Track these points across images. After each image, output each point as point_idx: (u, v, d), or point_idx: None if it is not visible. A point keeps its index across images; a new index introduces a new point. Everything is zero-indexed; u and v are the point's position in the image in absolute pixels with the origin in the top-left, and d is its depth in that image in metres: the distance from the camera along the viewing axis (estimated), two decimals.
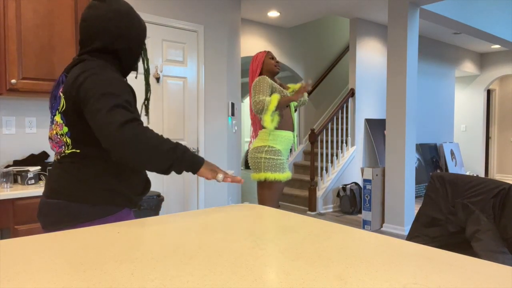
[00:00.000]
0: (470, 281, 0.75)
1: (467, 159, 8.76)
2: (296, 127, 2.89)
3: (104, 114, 1.17)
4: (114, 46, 1.35)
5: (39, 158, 2.66)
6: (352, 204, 5.37)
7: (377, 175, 4.63)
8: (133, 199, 1.36)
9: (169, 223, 1.18)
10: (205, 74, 3.71)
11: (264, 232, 1.08)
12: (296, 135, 2.91)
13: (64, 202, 1.28)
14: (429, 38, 7.25)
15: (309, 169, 5.82)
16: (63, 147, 1.31)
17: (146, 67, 1.48)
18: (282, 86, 2.92)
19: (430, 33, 6.85)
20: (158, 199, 2.71)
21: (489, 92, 9.16)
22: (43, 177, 2.51)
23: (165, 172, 1.22)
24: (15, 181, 2.41)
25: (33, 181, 2.38)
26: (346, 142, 5.97)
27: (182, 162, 1.23)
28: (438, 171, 4.50)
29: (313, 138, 5.45)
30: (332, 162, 6.05)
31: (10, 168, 2.40)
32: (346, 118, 6.09)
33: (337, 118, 6.53)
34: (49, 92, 1.36)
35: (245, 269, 0.80)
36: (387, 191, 4.59)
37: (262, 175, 2.69)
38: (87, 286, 0.71)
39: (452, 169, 7.53)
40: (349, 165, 5.81)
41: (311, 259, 0.85)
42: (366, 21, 5.93)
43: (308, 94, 2.82)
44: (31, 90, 2.38)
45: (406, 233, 4.39)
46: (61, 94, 1.29)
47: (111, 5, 1.34)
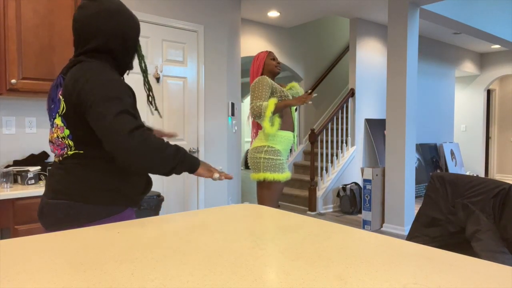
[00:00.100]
0: (470, 281, 0.75)
1: (467, 159, 8.76)
2: (296, 127, 2.88)
3: (110, 120, 1.18)
4: (109, 45, 1.34)
5: (39, 158, 2.66)
6: (352, 204, 5.37)
7: (377, 175, 4.63)
8: (135, 198, 1.37)
9: (169, 223, 1.18)
10: (205, 74, 3.71)
11: (264, 232, 1.08)
12: (296, 135, 2.90)
13: (68, 203, 1.28)
14: (429, 38, 7.25)
15: (309, 169, 5.82)
16: (66, 149, 1.31)
17: (144, 65, 1.48)
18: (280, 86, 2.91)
19: (430, 33, 6.85)
20: (158, 199, 2.71)
21: (489, 92, 9.16)
22: (43, 177, 2.51)
23: (167, 174, 1.27)
24: (15, 181, 2.41)
25: (33, 181, 2.38)
26: (346, 142, 5.97)
27: (183, 164, 1.29)
28: (438, 171, 4.50)
29: (313, 138, 5.45)
30: (332, 162, 6.05)
31: (10, 168, 2.40)
32: (346, 118, 6.09)
33: (337, 118, 6.53)
34: (49, 91, 1.35)
35: (245, 269, 0.80)
36: (387, 191, 4.59)
37: (261, 175, 2.68)
38: (87, 286, 0.71)
39: (452, 169, 7.53)
40: (349, 165, 5.81)
41: (311, 259, 0.85)
42: (366, 21, 5.93)
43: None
44: (31, 90, 2.38)
45: (406, 233, 4.39)
46: (60, 97, 1.29)
47: (103, 3, 1.33)
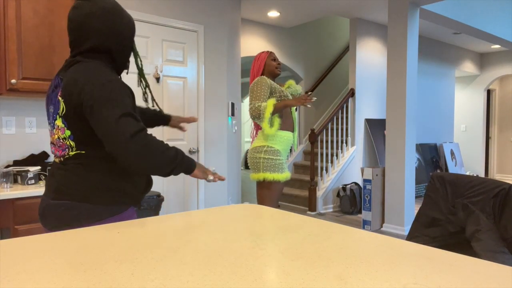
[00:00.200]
0: (470, 281, 0.75)
1: (467, 159, 8.76)
2: (296, 127, 2.87)
3: (113, 123, 1.18)
4: (105, 44, 1.33)
5: (39, 158, 2.66)
6: (352, 204, 5.37)
7: (377, 175, 4.63)
8: (136, 197, 1.38)
9: (169, 223, 1.18)
10: (205, 74, 3.71)
11: (264, 232, 1.08)
12: (296, 135, 2.89)
13: (70, 203, 1.28)
14: (429, 38, 7.25)
15: (309, 169, 5.82)
16: (67, 150, 1.31)
17: (140, 62, 1.48)
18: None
19: (430, 33, 6.85)
20: (158, 199, 2.71)
21: (489, 92, 9.16)
22: (43, 177, 2.51)
23: (166, 175, 1.29)
24: (15, 181, 2.41)
25: (33, 181, 2.38)
26: (346, 142, 5.97)
27: (181, 166, 1.31)
28: (438, 171, 4.50)
29: (313, 138, 5.45)
30: (332, 162, 6.04)
31: (10, 168, 2.40)
32: (346, 118, 6.09)
33: (337, 118, 6.53)
34: (47, 92, 1.35)
35: (245, 269, 0.80)
36: (387, 191, 4.59)
37: (261, 175, 2.68)
38: (87, 286, 0.71)
39: (452, 169, 7.53)
40: (349, 165, 5.81)
41: (311, 259, 0.85)
42: (366, 21, 5.93)
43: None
44: (31, 90, 2.38)
45: (406, 233, 4.39)
46: (59, 98, 1.28)
47: (97, 3, 1.32)
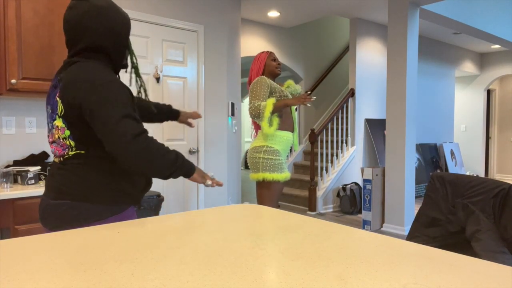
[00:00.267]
0: (470, 281, 0.75)
1: (467, 159, 8.76)
2: (296, 127, 2.87)
3: (113, 124, 1.19)
4: (101, 43, 1.33)
5: (39, 158, 2.66)
6: (352, 204, 5.37)
7: (377, 175, 4.63)
8: (136, 197, 1.39)
9: (169, 223, 1.18)
10: (205, 74, 3.71)
11: (264, 232, 1.08)
12: (296, 135, 2.89)
13: (70, 203, 1.28)
14: (429, 38, 7.24)
15: (309, 169, 5.82)
16: (67, 150, 1.31)
17: (135, 60, 1.47)
18: None
19: (430, 33, 6.85)
20: (158, 199, 2.71)
21: (489, 92, 9.16)
22: (43, 177, 2.51)
23: (165, 178, 1.30)
24: (15, 181, 2.41)
25: (33, 181, 2.38)
26: (346, 142, 5.97)
27: (181, 170, 1.32)
28: (438, 171, 4.50)
29: (313, 138, 5.45)
30: (332, 162, 6.04)
31: (10, 168, 2.40)
32: (346, 118, 6.09)
33: (337, 118, 6.53)
34: (47, 92, 1.35)
35: (245, 269, 0.80)
36: (387, 191, 4.59)
37: (260, 175, 2.68)
38: (87, 286, 0.71)
39: (452, 169, 7.52)
40: (349, 165, 5.81)
41: (311, 259, 0.85)
42: (366, 21, 5.93)
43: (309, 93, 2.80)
44: (31, 90, 2.38)
45: (406, 233, 4.39)
46: (57, 99, 1.28)
47: (92, 2, 1.33)
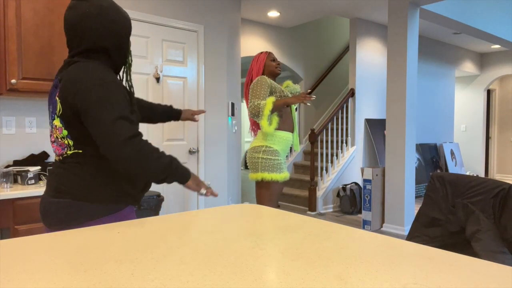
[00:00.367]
0: (470, 281, 0.75)
1: (467, 159, 8.76)
2: (296, 127, 2.86)
3: (108, 125, 1.19)
4: (103, 43, 1.33)
5: (39, 158, 2.66)
6: (352, 204, 5.37)
7: (377, 175, 4.63)
8: (135, 196, 1.39)
9: (169, 223, 1.18)
10: (205, 74, 3.70)
11: (264, 232, 1.08)
12: (296, 136, 2.89)
13: (69, 201, 1.28)
14: (429, 38, 7.24)
15: (309, 169, 5.82)
16: (66, 149, 1.32)
17: (130, 59, 1.46)
18: None
19: (430, 33, 6.85)
20: (158, 199, 2.71)
21: (489, 92, 9.16)
22: (43, 177, 2.51)
23: (159, 182, 1.27)
24: (15, 181, 2.41)
25: (33, 181, 2.38)
26: (346, 142, 5.97)
27: (175, 175, 1.30)
28: (438, 171, 4.50)
29: (313, 138, 5.45)
30: (332, 162, 6.04)
31: (10, 168, 2.40)
32: (346, 118, 6.09)
33: (337, 118, 6.53)
34: (49, 92, 1.35)
35: (245, 269, 0.80)
36: (387, 191, 4.59)
37: (259, 175, 2.68)
38: (87, 286, 0.71)
39: (452, 169, 7.52)
40: (349, 165, 5.81)
41: (311, 259, 0.85)
42: (366, 21, 5.93)
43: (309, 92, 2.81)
44: (31, 90, 2.38)
45: (406, 233, 4.39)
46: (57, 99, 1.29)
47: (92, 2, 1.32)
